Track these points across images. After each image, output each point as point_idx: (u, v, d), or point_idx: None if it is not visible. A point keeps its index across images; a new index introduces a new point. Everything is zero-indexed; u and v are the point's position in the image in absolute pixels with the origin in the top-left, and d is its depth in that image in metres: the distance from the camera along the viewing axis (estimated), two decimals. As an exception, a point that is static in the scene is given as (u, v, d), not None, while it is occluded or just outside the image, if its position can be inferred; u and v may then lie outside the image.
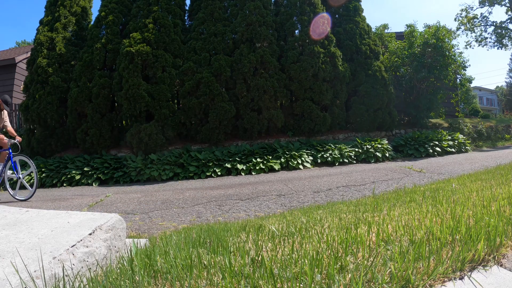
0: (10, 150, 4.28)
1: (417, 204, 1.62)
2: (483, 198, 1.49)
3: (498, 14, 71.71)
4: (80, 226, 1.18)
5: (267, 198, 3.36)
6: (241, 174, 5.70)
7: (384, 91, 7.90)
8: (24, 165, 5.07)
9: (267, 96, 6.82)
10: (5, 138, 4.27)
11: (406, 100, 9.45)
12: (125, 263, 1.04)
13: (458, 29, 18.73)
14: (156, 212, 3.04)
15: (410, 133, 8.29)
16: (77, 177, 5.76)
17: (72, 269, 0.96)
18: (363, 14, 8.58)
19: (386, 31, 11.26)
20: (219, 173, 5.69)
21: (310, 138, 7.29)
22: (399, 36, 10.90)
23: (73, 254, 0.99)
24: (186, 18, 7.92)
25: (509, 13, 18.26)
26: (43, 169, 6.08)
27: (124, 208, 3.30)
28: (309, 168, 6.07)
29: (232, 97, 6.87)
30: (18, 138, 4.37)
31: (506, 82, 38.27)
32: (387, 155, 6.85)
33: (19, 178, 4.28)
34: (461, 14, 18.97)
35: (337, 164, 6.37)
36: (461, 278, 0.79)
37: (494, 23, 18.72)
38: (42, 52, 7.13)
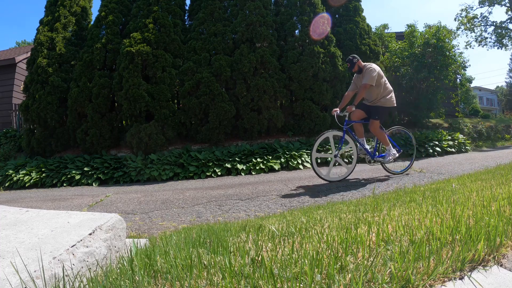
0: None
1: (417, 204, 1.62)
2: (483, 198, 1.49)
3: (498, 14, 71.87)
4: (80, 226, 1.18)
5: (267, 198, 3.36)
6: (241, 174, 5.70)
7: (384, 91, 7.89)
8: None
9: (267, 96, 6.82)
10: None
11: (406, 100, 9.45)
12: (125, 263, 1.04)
13: (458, 29, 18.76)
14: (156, 212, 3.04)
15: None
16: (77, 177, 5.76)
17: (72, 269, 0.96)
18: (363, 14, 8.59)
19: (386, 31, 11.28)
20: (219, 173, 5.69)
21: (310, 138, 7.29)
22: (399, 36, 10.90)
23: (73, 254, 0.99)
24: (186, 18, 7.92)
25: (509, 13, 18.27)
26: (43, 169, 6.08)
27: (124, 208, 3.31)
28: (309, 168, 6.07)
29: (232, 97, 6.87)
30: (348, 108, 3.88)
31: (506, 82, 38.33)
32: (387, 155, 6.84)
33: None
34: (461, 14, 19.01)
35: (337, 164, 6.36)
36: (461, 278, 0.79)
37: (494, 23, 18.73)
38: (42, 52, 7.13)
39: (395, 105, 4.05)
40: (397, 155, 4.10)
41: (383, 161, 4.11)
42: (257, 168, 5.79)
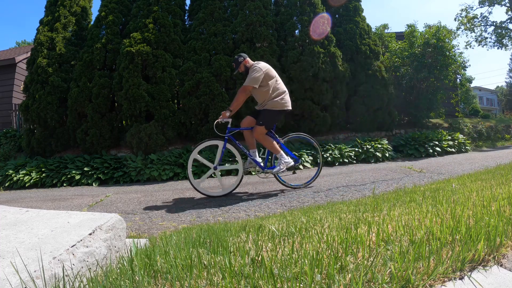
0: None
1: (417, 204, 1.62)
2: (483, 198, 1.49)
3: (498, 14, 71.96)
4: (80, 226, 1.18)
5: (267, 198, 3.36)
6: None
7: (384, 91, 7.90)
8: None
9: (267, 96, 6.82)
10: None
11: (406, 100, 9.46)
12: (125, 263, 1.04)
13: (458, 29, 18.78)
14: (156, 212, 3.04)
15: (410, 133, 8.29)
16: (77, 177, 5.76)
17: (72, 269, 0.96)
18: (363, 14, 8.58)
19: (386, 31, 11.29)
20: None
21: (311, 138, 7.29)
22: (399, 36, 10.91)
23: (73, 254, 0.99)
24: (186, 18, 7.92)
25: (509, 13, 18.27)
26: (43, 169, 6.08)
27: (124, 208, 3.31)
28: (309, 168, 6.07)
29: (232, 97, 6.86)
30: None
31: (506, 82, 38.37)
32: (387, 155, 6.85)
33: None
34: (461, 14, 19.03)
35: (337, 164, 6.37)
36: (461, 278, 0.79)
37: (494, 23, 18.74)
38: (42, 52, 7.13)
39: (289, 108, 3.51)
40: (292, 163, 3.53)
41: (273, 172, 3.52)
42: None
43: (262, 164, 3.62)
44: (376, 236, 1.02)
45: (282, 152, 3.53)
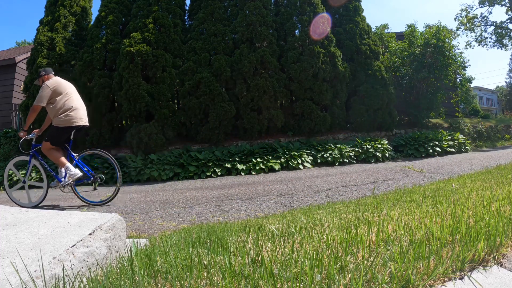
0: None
1: (417, 204, 1.62)
2: (483, 198, 1.49)
3: (498, 14, 71.89)
4: (80, 226, 1.18)
5: (267, 198, 3.36)
6: (241, 174, 5.70)
7: (384, 91, 7.89)
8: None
9: (267, 96, 6.82)
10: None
11: (406, 100, 9.46)
12: (125, 263, 1.04)
13: (458, 29, 18.75)
14: (156, 212, 3.04)
15: (410, 133, 8.29)
16: (77, 177, 5.75)
17: (72, 269, 0.96)
18: (363, 14, 8.59)
19: (386, 31, 11.28)
20: (219, 173, 5.69)
21: (310, 138, 7.29)
22: (399, 36, 10.90)
23: (73, 254, 0.99)
24: (186, 18, 7.92)
25: (509, 13, 18.27)
26: (43, 169, 6.07)
27: (124, 208, 3.31)
28: (309, 168, 6.07)
29: (232, 97, 6.87)
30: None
31: (506, 82, 38.32)
32: (387, 155, 6.85)
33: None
34: (461, 14, 19.00)
35: (337, 164, 6.37)
36: (461, 278, 0.79)
37: (494, 23, 18.73)
38: (42, 52, 7.13)
39: (76, 124, 3.49)
40: (78, 175, 3.45)
41: (60, 185, 3.50)
42: (257, 168, 5.79)
43: (62, 179, 3.54)
44: (376, 236, 1.02)
45: (68, 165, 3.48)
